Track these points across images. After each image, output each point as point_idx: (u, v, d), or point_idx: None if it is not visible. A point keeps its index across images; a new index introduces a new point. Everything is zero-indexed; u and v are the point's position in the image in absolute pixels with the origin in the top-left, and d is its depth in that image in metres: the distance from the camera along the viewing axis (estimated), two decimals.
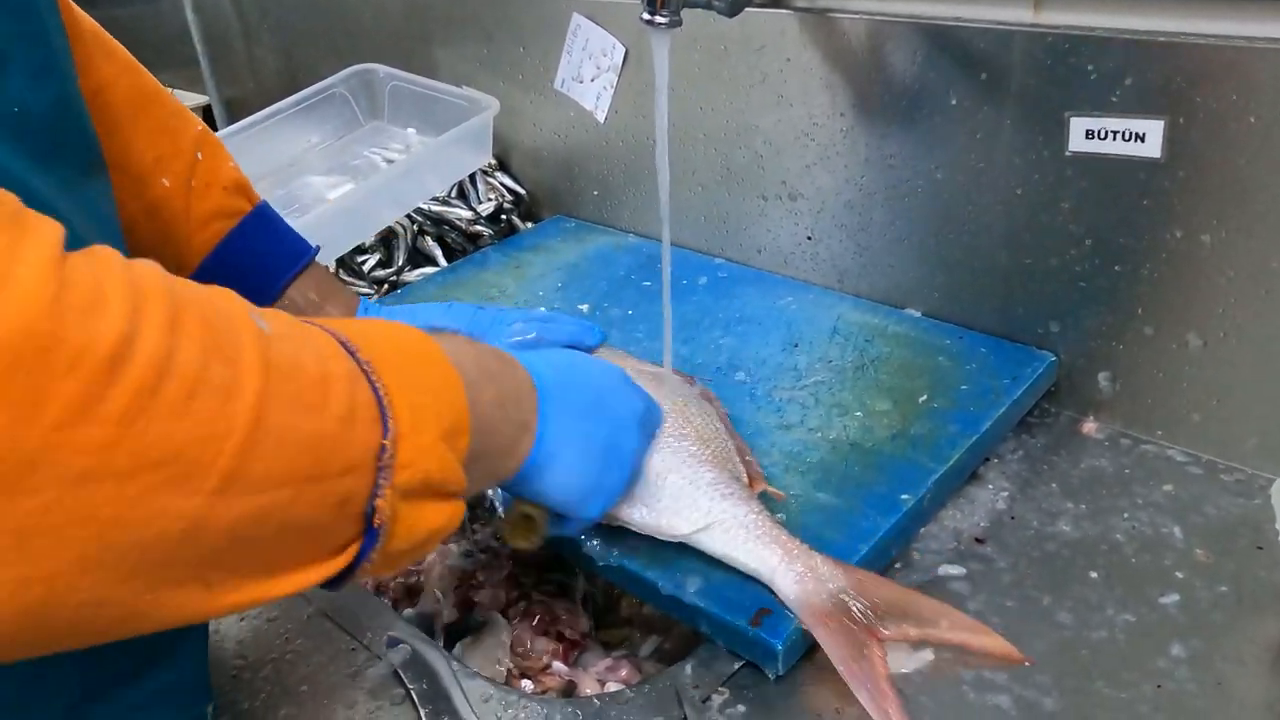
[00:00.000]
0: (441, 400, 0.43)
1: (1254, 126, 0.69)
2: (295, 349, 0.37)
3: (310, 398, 0.36)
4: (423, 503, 0.41)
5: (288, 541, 0.36)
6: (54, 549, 0.29)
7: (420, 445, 0.40)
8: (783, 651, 0.61)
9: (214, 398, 0.32)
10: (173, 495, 0.31)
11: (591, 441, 0.58)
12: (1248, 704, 0.58)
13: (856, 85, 0.91)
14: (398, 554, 0.41)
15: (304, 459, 0.35)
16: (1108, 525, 0.73)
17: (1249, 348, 0.75)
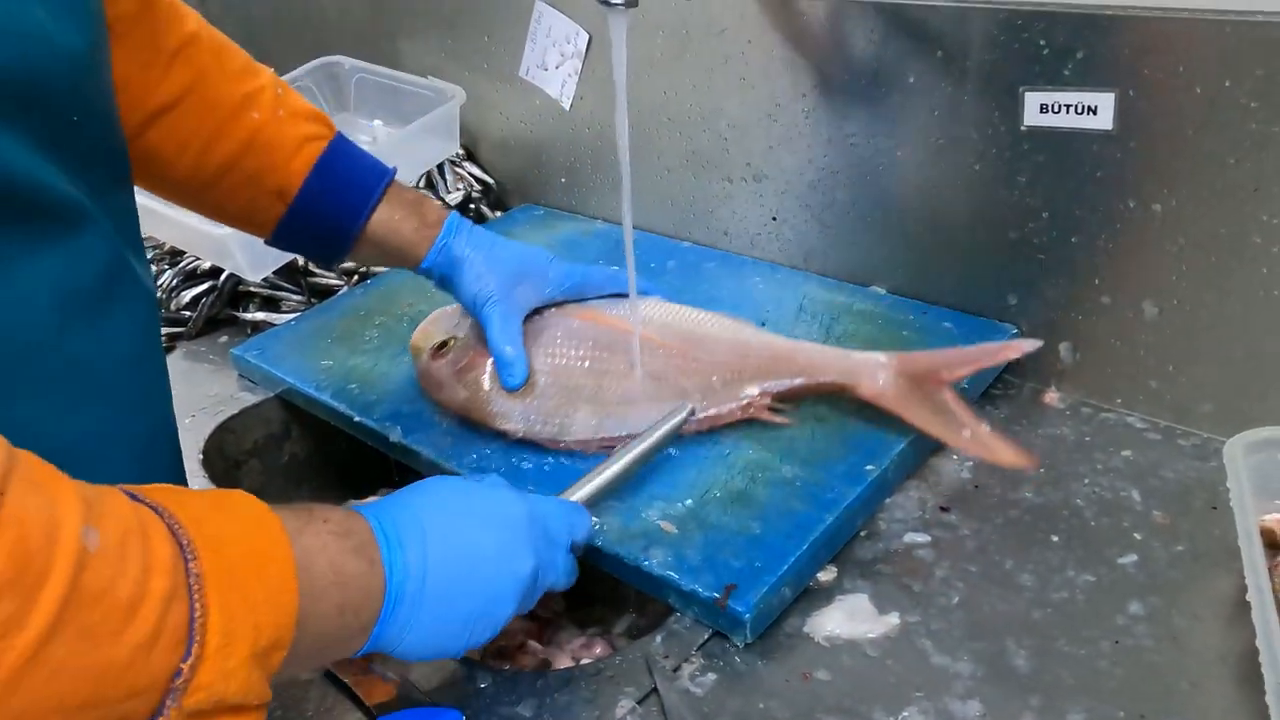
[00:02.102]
0: (265, 617, 0.42)
1: (1200, 97, 0.71)
2: (114, 571, 0.36)
3: (110, 625, 0.36)
4: (212, 717, 0.40)
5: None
6: None
7: (224, 668, 0.40)
8: (750, 620, 0.63)
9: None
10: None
11: (454, 612, 0.53)
12: (1202, 657, 0.60)
13: (817, 66, 0.93)
14: None
15: (83, 689, 0.35)
16: (1069, 491, 0.75)
17: (1202, 314, 0.77)
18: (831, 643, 0.64)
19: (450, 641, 0.53)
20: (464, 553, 0.53)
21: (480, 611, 0.54)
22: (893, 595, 0.66)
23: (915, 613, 0.65)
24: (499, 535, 0.55)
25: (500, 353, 0.79)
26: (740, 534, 0.68)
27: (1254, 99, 0.69)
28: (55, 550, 0.34)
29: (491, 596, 0.54)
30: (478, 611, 0.54)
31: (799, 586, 0.67)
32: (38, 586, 0.33)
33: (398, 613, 0.50)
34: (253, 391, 0.98)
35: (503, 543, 0.55)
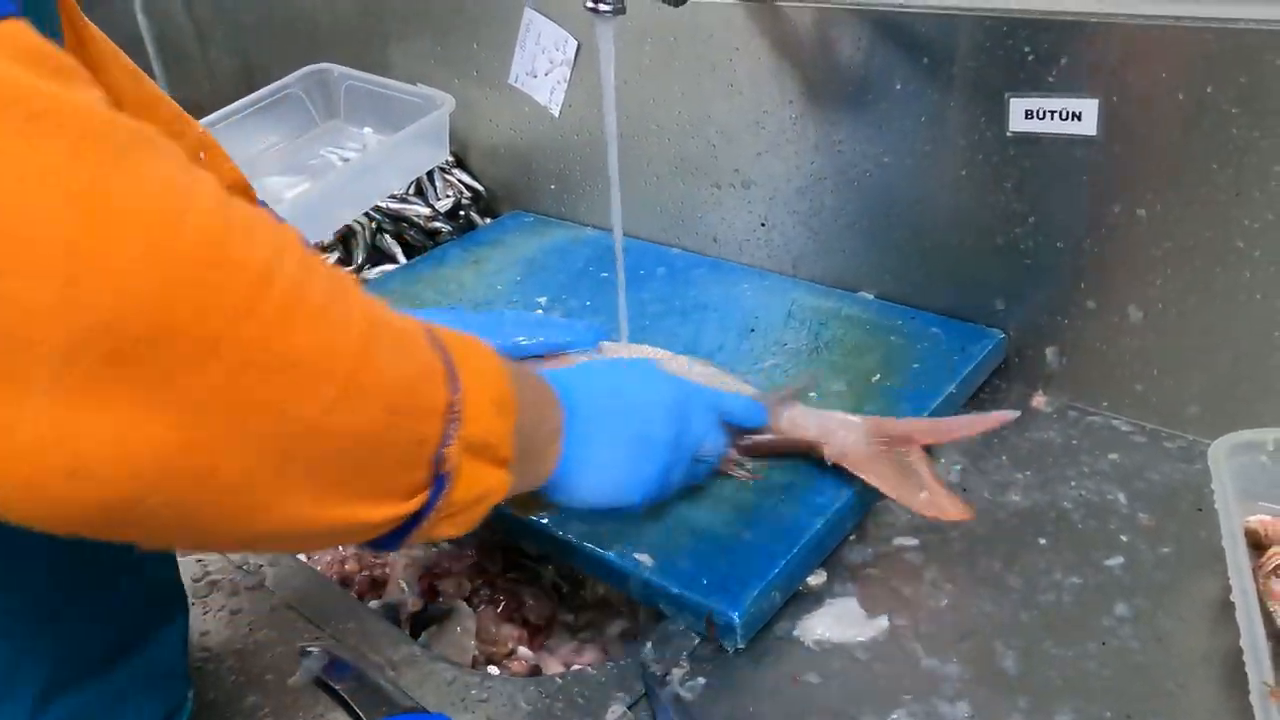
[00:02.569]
0: (492, 382, 0.47)
1: (1182, 103, 0.72)
2: (386, 310, 0.42)
3: (402, 346, 0.42)
4: (480, 462, 0.46)
5: (379, 467, 0.41)
6: (215, 425, 0.34)
7: (481, 408, 0.45)
8: (741, 625, 0.63)
9: (333, 327, 0.37)
10: (302, 395, 0.36)
11: (618, 440, 0.60)
12: (1187, 657, 0.60)
13: (804, 73, 0.93)
14: (457, 508, 0.45)
15: (396, 394, 0.40)
16: (1056, 494, 0.76)
17: (1186, 318, 0.78)
18: (821, 646, 0.64)
19: (621, 463, 0.60)
20: (603, 382, 0.63)
21: (638, 434, 0.61)
22: (882, 598, 0.67)
23: (904, 615, 0.65)
24: (631, 369, 0.67)
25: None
26: (730, 539, 0.68)
27: (1235, 105, 0.69)
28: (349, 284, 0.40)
29: (643, 417, 0.62)
30: (637, 434, 0.61)
31: (789, 591, 0.67)
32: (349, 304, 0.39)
33: (571, 418, 0.57)
34: None
35: (637, 373, 0.66)
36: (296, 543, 0.42)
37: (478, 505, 0.47)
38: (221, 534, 0.39)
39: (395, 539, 0.45)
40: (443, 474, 0.43)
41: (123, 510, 0.33)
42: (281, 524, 0.38)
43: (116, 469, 0.32)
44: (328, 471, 0.39)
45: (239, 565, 0.74)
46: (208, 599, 0.71)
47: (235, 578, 0.73)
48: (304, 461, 0.37)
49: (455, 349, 0.45)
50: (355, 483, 0.40)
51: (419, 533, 0.45)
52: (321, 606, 0.70)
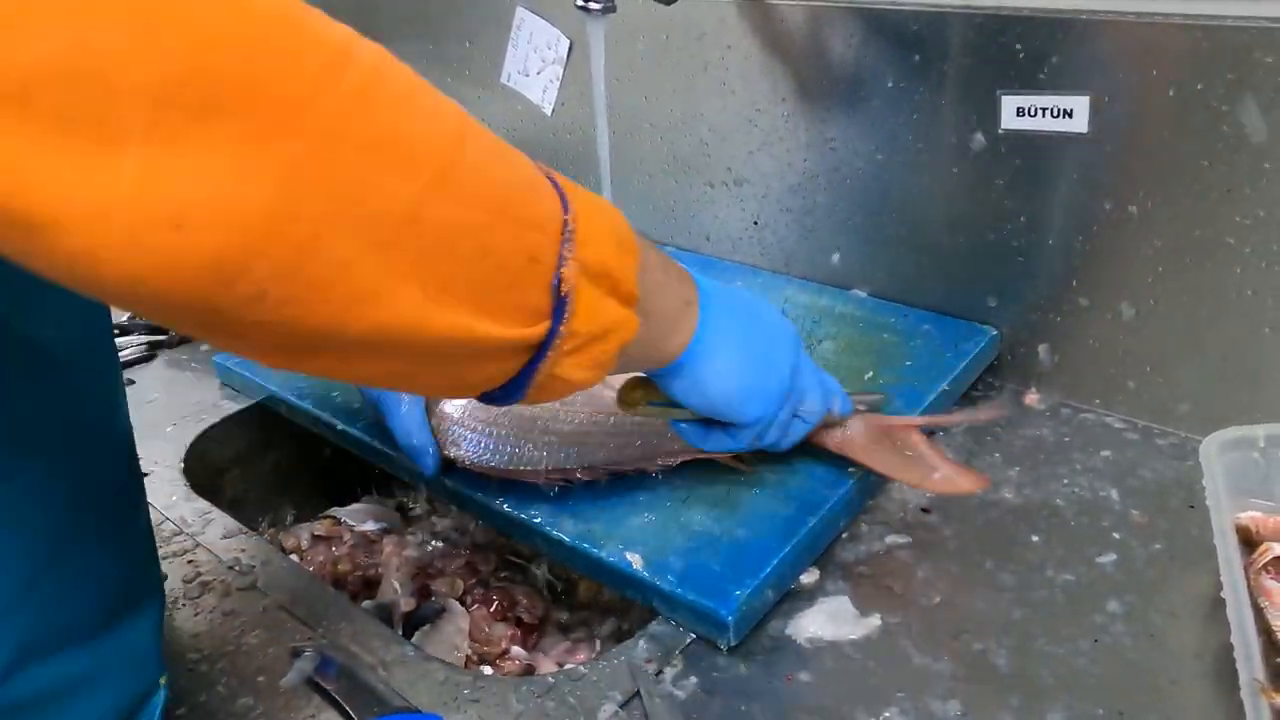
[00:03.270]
0: (608, 217, 0.47)
1: (1172, 100, 0.72)
2: (484, 131, 0.41)
3: (503, 154, 0.41)
4: (602, 292, 0.45)
5: (489, 274, 0.40)
6: (313, 195, 0.34)
7: (598, 235, 0.44)
8: (733, 623, 0.63)
9: (420, 116, 0.37)
10: (395, 176, 0.36)
11: (750, 343, 0.60)
12: (1179, 654, 0.60)
13: (796, 70, 0.93)
14: (581, 339, 0.45)
15: (498, 194, 0.40)
16: (1048, 491, 0.76)
17: (1178, 315, 0.78)
18: (814, 645, 0.64)
19: (753, 365, 0.60)
20: (735, 292, 0.62)
21: (768, 346, 0.61)
22: (874, 597, 0.67)
23: (896, 614, 0.65)
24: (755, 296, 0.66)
25: (406, 446, 0.76)
26: (723, 537, 0.68)
27: (1225, 102, 0.70)
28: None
29: (773, 334, 0.62)
30: (767, 346, 0.61)
31: (781, 589, 0.67)
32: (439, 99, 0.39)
33: (707, 303, 0.57)
34: (235, 399, 0.98)
35: (762, 300, 0.65)
36: (418, 351, 0.40)
37: (604, 341, 0.46)
38: (334, 321, 0.37)
39: (522, 379, 0.44)
40: (562, 297, 0.43)
41: (231, 272, 0.33)
42: (395, 319, 0.38)
43: (221, 222, 0.32)
44: (436, 268, 0.38)
45: (230, 566, 0.74)
46: (199, 600, 0.71)
47: (227, 579, 0.73)
48: (408, 251, 0.37)
49: (566, 184, 0.45)
50: (468, 289, 0.40)
51: (546, 368, 0.44)
52: (314, 607, 0.70)
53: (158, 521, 0.80)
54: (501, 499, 0.74)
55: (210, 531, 0.79)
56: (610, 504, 0.72)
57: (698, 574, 0.65)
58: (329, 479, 1.01)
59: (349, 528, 0.93)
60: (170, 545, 0.77)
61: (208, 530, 0.79)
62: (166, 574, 0.73)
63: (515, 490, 0.74)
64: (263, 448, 0.98)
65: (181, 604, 0.71)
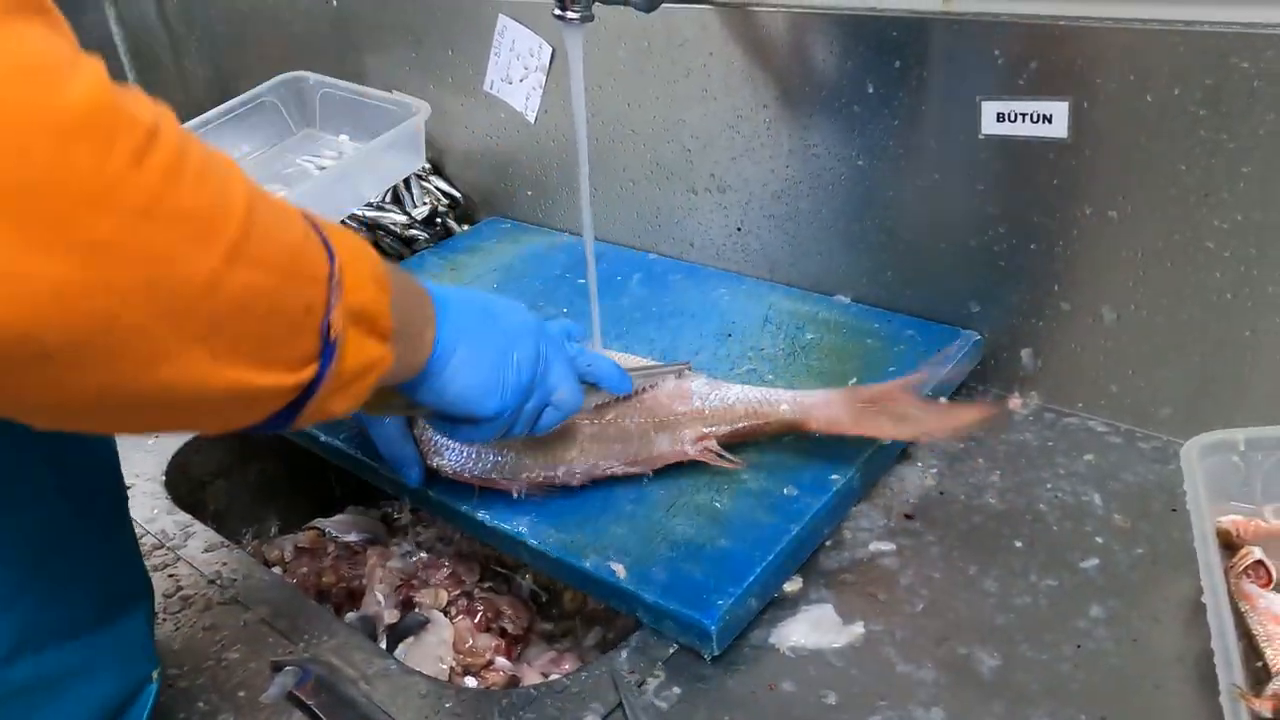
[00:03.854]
0: (367, 259, 0.50)
1: (1150, 105, 0.72)
2: (261, 190, 0.44)
3: (281, 217, 0.44)
4: (364, 332, 0.48)
5: (273, 330, 0.43)
6: (118, 268, 0.35)
7: (360, 280, 0.47)
8: (716, 632, 0.63)
9: (219, 188, 0.40)
10: (199, 248, 0.38)
11: (485, 344, 0.63)
12: (1161, 658, 0.61)
13: (778, 77, 0.93)
14: (346, 378, 0.47)
15: (283, 255, 0.43)
16: (1032, 496, 0.76)
17: (1159, 319, 0.78)
18: (797, 653, 0.64)
19: (489, 363, 0.62)
20: (471, 297, 0.64)
21: (504, 344, 0.63)
22: (857, 605, 0.67)
23: (879, 621, 0.65)
24: (493, 296, 0.68)
25: (389, 457, 0.77)
26: (706, 546, 0.68)
27: (1203, 107, 0.70)
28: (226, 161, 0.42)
29: (509, 332, 0.64)
30: (503, 343, 0.63)
31: (765, 598, 0.67)
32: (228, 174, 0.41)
33: (442, 315, 0.60)
34: None
35: (500, 300, 0.67)
36: (193, 405, 0.42)
37: (365, 377, 0.49)
38: (118, 383, 0.38)
39: (289, 414, 0.46)
40: (331, 342, 0.45)
41: (18, 341, 0.34)
42: (180, 379, 0.39)
43: (20, 295, 0.33)
44: (225, 330, 0.40)
45: (211, 580, 0.74)
46: (180, 615, 0.71)
47: (208, 593, 0.72)
48: (203, 317, 0.39)
49: (327, 229, 0.48)
50: (251, 347, 0.42)
51: (312, 406, 0.46)
52: (295, 621, 0.69)
53: (139, 535, 0.79)
54: (484, 511, 0.74)
55: (191, 545, 0.78)
56: (594, 514, 0.72)
57: (681, 584, 0.65)
58: (313, 490, 1.01)
59: (333, 539, 0.92)
60: (151, 559, 0.77)
61: (189, 544, 0.78)
62: None
63: (498, 502, 0.74)
64: (245, 460, 0.98)
65: (162, 618, 0.70)
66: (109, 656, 0.56)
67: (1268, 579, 0.60)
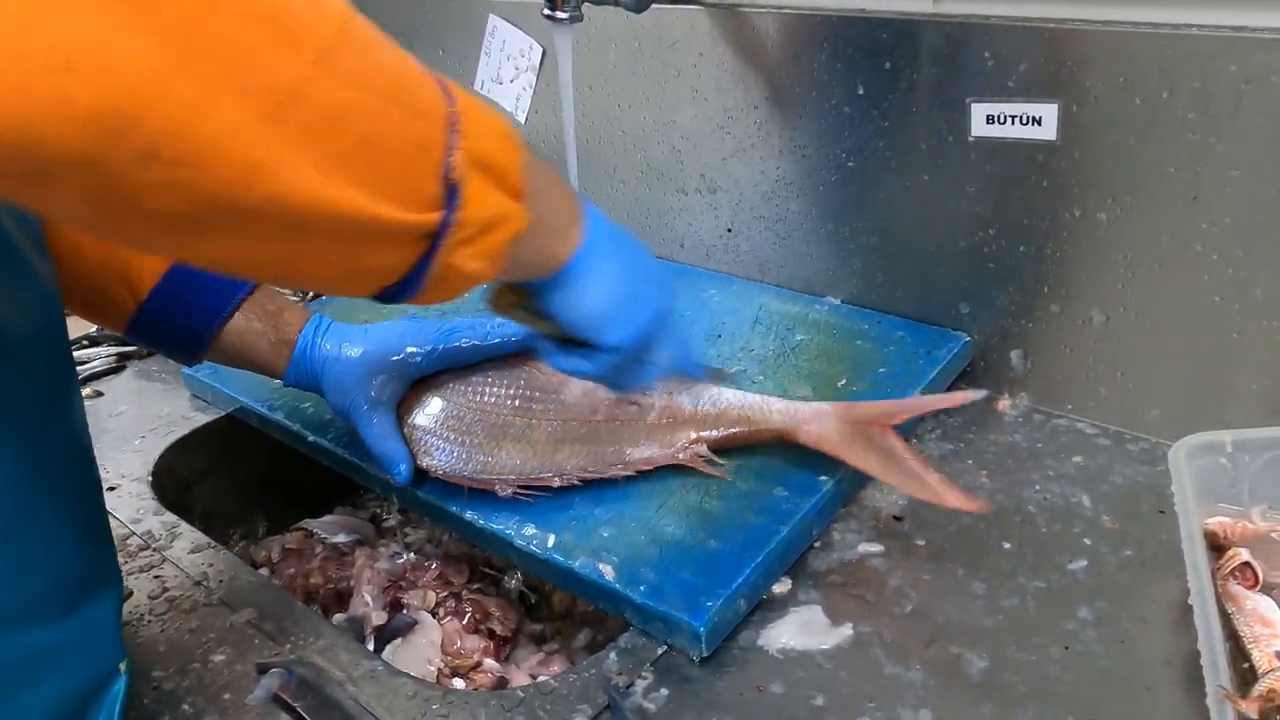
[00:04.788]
0: (493, 116, 0.47)
1: (1139, 107, 0.72)
2: (365, 20, 0.42)
3: (387, 46, 0.42)
4: (491, 184, 0.46)
5: (380, 157, 0.41)
6: (198, 57, 0.34)
7: (482, 129, 0.45)
8: (705, 634, 0.62)
9: (310, 3, 0.38)
10: (278, 50, 0.37)
11: (630, 270, 0.61)
12: (1150, 660, 0.61)
13: (768, 78, 0.93)
14: (473, 229, 0.46)
15: (384, 80, 0.41)
16: (1021, 498, 0.76)
17: (1147, 321, 0.78)
18: (785, 655, 0.64)
19: (627, 289, 0.60)
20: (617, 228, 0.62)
21: (644, 276, 0.62)
22: (846, 606, 0.67)
23: (868, 623, 0.65)
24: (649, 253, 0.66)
25: (379, 454, 0.76)
26: (695, 547, 0.68)
27: (1191, 110, 0.70)
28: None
29: (648, 269, 0.63)
30: (643, 276, 0.62)
31: (754, 599, 0.67)
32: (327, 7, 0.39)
33: (591, 224, 0.58)
34: (205, 411, 0.97)
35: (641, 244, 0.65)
36: (313, 228, 0.40)
37: (495, 230, 0.47)
38: (227, 190, 0.37)
39: (419, 272, 0.45)
40: (452, 184, 0.44)
41: (122, 120, 0.33)
42: (289, 191, 0.38)
43: (112, 68, 0.32)
44: (326, 145, 0.39)
45: (198, 581, 0.73)
46: (165, 616, 0.70)
47: (195, 595, 0.72)
48: (296, 126, 0.38)
49: (451, 84, 0.46)
50: (362, 168, 0.40)
51: (439, 260, 0.45)
52: (281, 622, 0.69)
53: (124, 535, 0.79)
54: (473, 511, 0.74)
55: (178, 546, 0.78)
56: (582, 515, 0.72)
57: (670, 585, 0.65)
58: (301, 490, 1.00)
59: (321, 540, 0.92)
60: (137, 560, 0.76)
61: (175, 545, 0.78)
62: (132, 590, 0.72)
63: (486, 502, 0.74)
64: (233, 460, 0.97)
65: (147, 620, 0.70)
66: (78, 644, 0.55)
67: (1254, 580, 0.61)
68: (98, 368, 1.05)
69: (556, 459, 0.74)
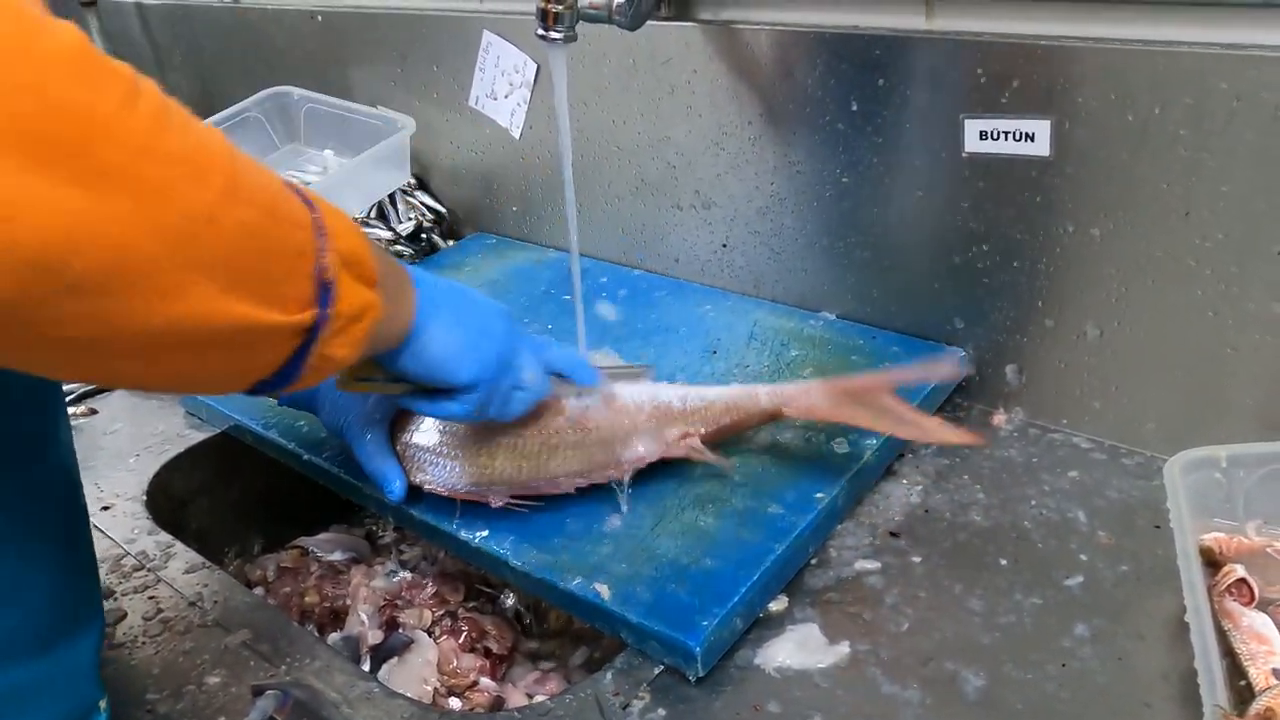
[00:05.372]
0: (342, 214, 0.53)
1: (1132, 124, 0.72)
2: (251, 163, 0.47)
3: (258, 168, 0.47)
4: (355, 278, 0.51)
5: (270, 268, 0.46)
6: (128, 200, 0.38)
7: (341, 227, 0.51)
8: (701, 653, 0.62)
9: (203, 137, 0.43)
10: (196, 186, 0.41)
11: (463, 313, 0.66)
12: (1146, 676, 0.60)
13: (761, 94, 0.93)
14: (344, 320, 0.50)
15: (268, 197, 0.46)
16: (1016, 513, 0.76)
17: (1141, 335, 0.78)
18: (782, 674, 0.63)
19: (467, 331, 0.65)
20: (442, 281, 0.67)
21: (481, 318, 0.67)
22: (843, 624, 0.66)
23: (865, 641, 0.65)
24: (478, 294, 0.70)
25: (372, 472, 0.77)
26: (691, 566, 0.68)
27: (1183, 126, 0.70)
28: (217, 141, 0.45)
29: (484, 310, 0.68)
30: (480, 318, 0.67)
31: (750, 617, 0.67)
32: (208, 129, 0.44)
33: (421, 288, 0.62)
34: (200, 429, 0.96)
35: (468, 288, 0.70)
36: (208, 343, 0.44)
37: (361, 320, 0.52)
38: (139, 315, 0.41)
39: (297, 362, 0.49)
40: (326, 283, 0.48)
41: (54, 263, 0.37)
42: (193, 311, 0.42)
43: (43, 220, 0.36)
44: (228, 264, 0.43)
45: (192, 602, 0.73)
46: (160, 638, 0.70)
47: (189, 615, 0.72)
48: (206, 249, 0.42)
49: (299, 187, 0.51)
50: (254, 283, 0.45)
51: (317, 350, 0.49)
52: (277, 643, 0.68)
53: (119, 556, 0.79)
54: (467, 530, 0.73)
55: (172, 566, 0.77)
56: (577, 534, 0.72)
57: (665, 604, 0.65)
58: (296, 508, 1.00)
59: (316, 558, 0.91)
60: (131, 580, 0.76)
61: (170, 565, 0.78)
62: (127, 611, 0.72)
63: (481, 520, 0.74)
64: (228, 478, 0.97)
65: (141, 641, 0.70)
66: (54, 683, 0.54)
67: (1250, 597, 0.60)
68: (92, 386, 1.05)
69: (549, 467, 0.74)
